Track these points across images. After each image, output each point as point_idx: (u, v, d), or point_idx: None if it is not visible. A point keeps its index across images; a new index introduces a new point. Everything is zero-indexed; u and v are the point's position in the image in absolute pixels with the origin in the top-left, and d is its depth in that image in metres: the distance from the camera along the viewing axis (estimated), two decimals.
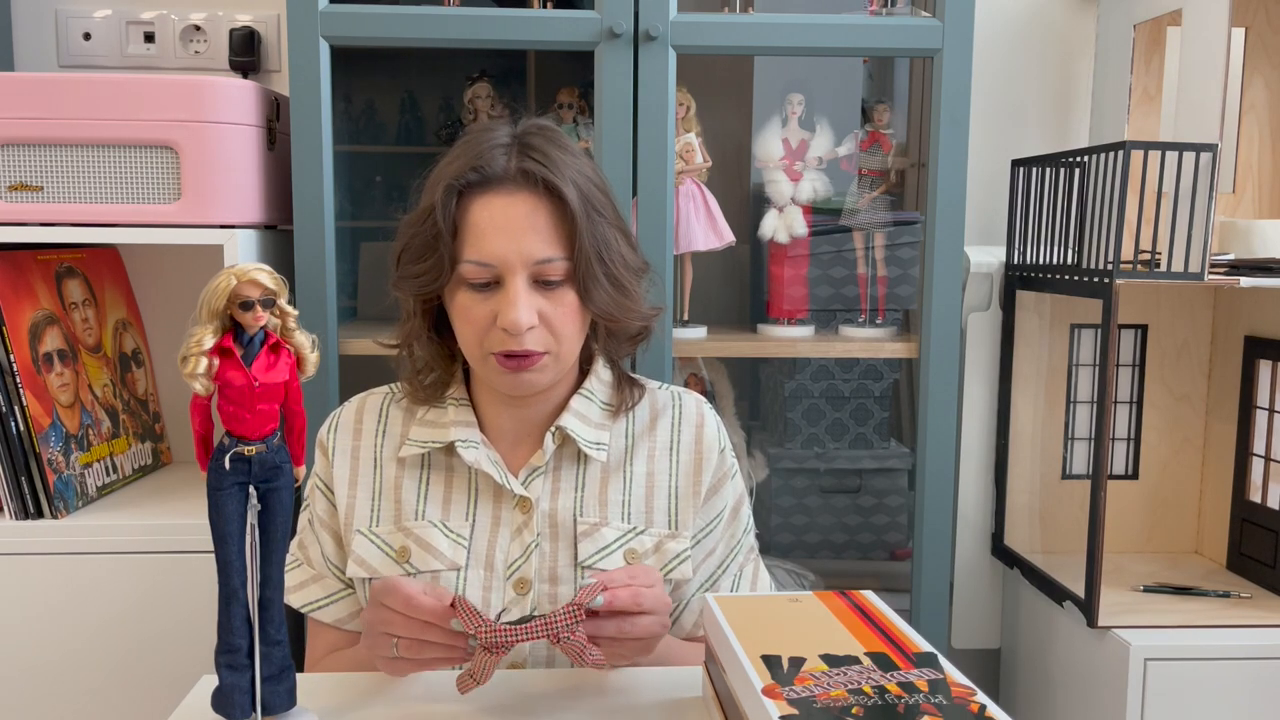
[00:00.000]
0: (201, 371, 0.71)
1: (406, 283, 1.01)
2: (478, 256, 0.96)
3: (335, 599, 1.07)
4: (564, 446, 1.05)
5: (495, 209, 0.96)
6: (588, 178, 1.00)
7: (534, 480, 1.04)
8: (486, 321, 0.97)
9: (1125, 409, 1.63)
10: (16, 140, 1.33)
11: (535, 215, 0.96)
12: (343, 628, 1.07)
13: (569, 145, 1.02)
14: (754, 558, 1.13)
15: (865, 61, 1.80)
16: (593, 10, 1.38)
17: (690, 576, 1.05)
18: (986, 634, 1.71)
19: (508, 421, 1.06)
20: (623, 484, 1.05)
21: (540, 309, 0.97)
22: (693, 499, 1.07)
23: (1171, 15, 1.50)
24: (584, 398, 1.06)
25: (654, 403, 1.11)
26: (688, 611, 1.08)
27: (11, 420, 1.33)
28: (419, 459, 1.05)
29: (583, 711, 0.85)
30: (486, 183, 0.97)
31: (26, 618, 1.34)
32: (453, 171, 0.98)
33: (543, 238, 0.96)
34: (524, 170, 0.97)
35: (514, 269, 0.95)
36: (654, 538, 1.04)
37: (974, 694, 0.67)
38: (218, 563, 0.74)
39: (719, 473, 1.09)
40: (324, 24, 1.37)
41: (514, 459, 1.06)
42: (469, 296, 0.98)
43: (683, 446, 1.08)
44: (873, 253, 1.64)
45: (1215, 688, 1.31)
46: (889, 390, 1.84)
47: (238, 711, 0.76)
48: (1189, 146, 1.31)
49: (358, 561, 1.03)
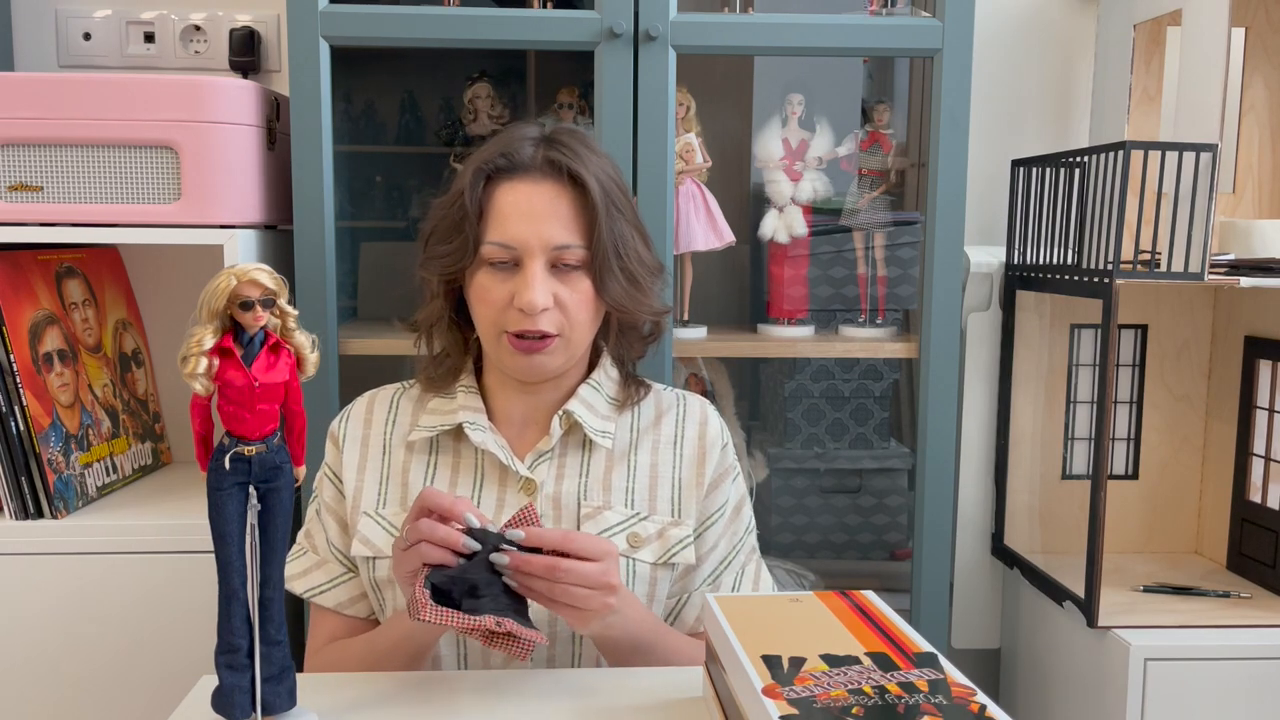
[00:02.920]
0: (201, 371, 0.71)
1: (433, 263, 1.05)
2: (500, 238, 1.01)
3: (337, 583, 1.08)
4: (570, 433, 1.08)
5: (520, 194, 1.01)
6: (610, 176, 1.05)
7: (540, 464, 1.06)
8: (504, 302, 1.01)
9: (1125, 409, 1.63)
10: (16, 140, 1.33)
11: (558, 203, 1.01)
12: (343, 613, 1.08)
13: (596, 147, 1.07)
14: (756, 558, 1.14)
15: (865, 61, 1.80)
16: (593, 10, 1.38)
17: (693, 562, 1.07)
18: (986, 634, 1.71)
19: (516, 408, 1.09)
20: (627, 472, 1.08)
21: (556, 293, 1.01)
22: (695, 489, 1.09)
23: (1171, 15, 1.50)
24: (591, 388, 1.09)
25: (659, 401, 1.14)
26: (689, 607, 1.09)
27: (11, 420, 1.33)
28: (427, 444, 1.08)
29: (583, 712, 0.85)
30: (514, 169, 1.02)
31: (26, 618, 1.34)
32: (483, 158, 1.03)
33: (563, 224, 1.01)
34: (550, 159, 1.02)
35: (533, 252, 1.00)
36: (657, 524, 1.06)
37: (974, 694, 0.67)
38: (218, 563, 0.74)
39: (721, 468, 1.11)
40: (324, 24, 1.37)
41: (520, 444, 1.09)
42: (489, 277, 1.02)
43: (686, 440, 1.11)
44: (873, 253, 1.64)
45: (1215, 688, 1.31)
46: (889, 390, 1.84)
47: (238, 711, 0.76)
48: (1189, 146, 1.31)
49: (362, 541, 1.05)
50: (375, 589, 1.06)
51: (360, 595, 1.08)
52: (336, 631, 1.08)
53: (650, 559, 1.04)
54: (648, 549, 1.04)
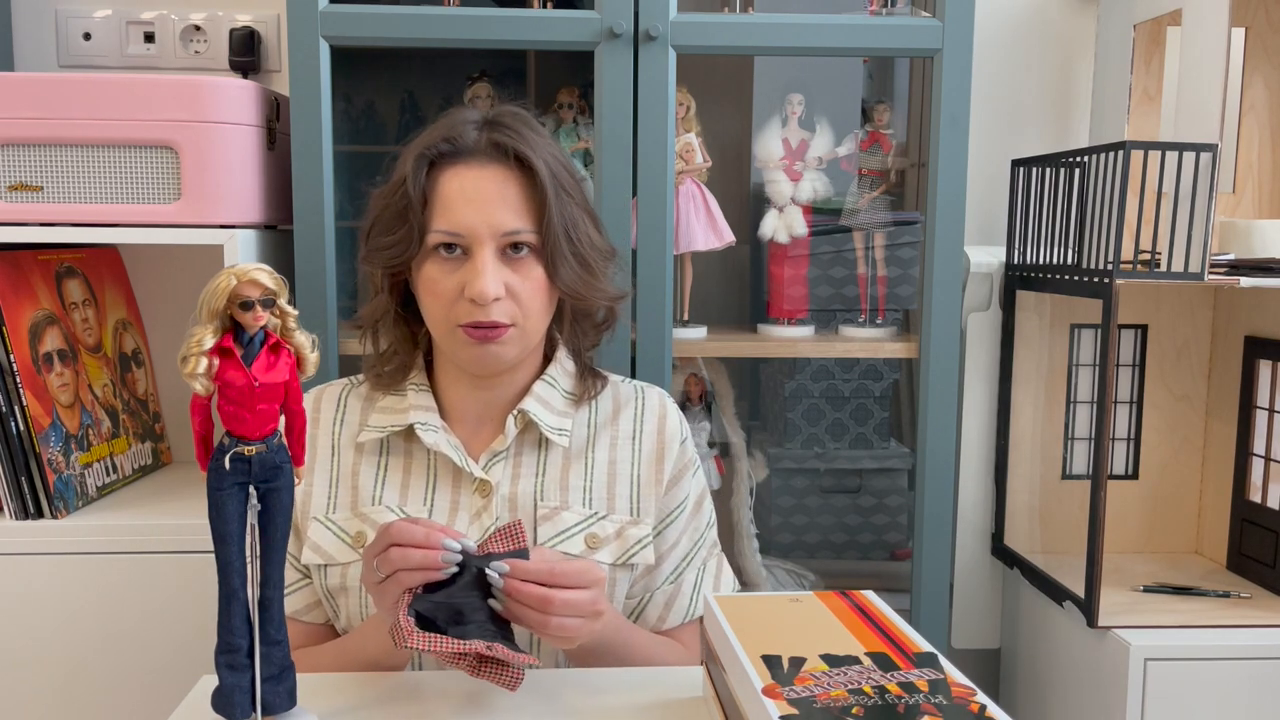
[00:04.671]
0: (201, 371, 0.71)
1: (376, 255, 1.01)
2: (447, 226, 0.97)
3: (291, 590, 1.05)
4: (526, 432, 1.05)
5: (466, 180, 0.97)
6: (557, 158, 1.01)
7: (495, 464, 1.03)
8: (454, 293, 0.97)
9: (1125, 409, 1.63)
10: (16, 140, 1.33)
11: (505, 187, 0.97)
12: (300, 619, 1.06)
13: (539, 128, 1.03)
14: (716, 552, 1.14)
15: (865, 61, 1.80)
16: (593, 10, 1.38)
17: (652, 562, 1.05)
18: (986, 634, 1.71)
19: (470, 405, 1.06)
20: (584, 470, 1.05)
21: (507, 281, 0.97)
22: (654, 487, 1.07)
23: (1171, 15, 1.50)
24: (547, 384, 1.06)
25: (617, 395, 1.11)
26: (652, 604, 1.08)
27: (11, 420, 1.33)
28: (377, 445, 1.05)
29: (583, 712, 0.85)
30: (458, 154, 0.98)
31: (26, 618, 1.34)
32: (424, 143, 0.99)
33: (512, 210, 0.97)
34: (495, 143, 0.98)
35: (482, 240, 0.96)
36: (615, 524, 1.04)
37: (974, 694, 0.67)
38: (218, 563, 0.74)
39: (680, 464, 1.09)
40: (324, 24, 1.37)
41: (475, 443, 1.05)
42: (437, 268, 0.98)
43: (645, 435, 1.08)
44: (873, 253, 1.64)
45: (1215, 688, 1.31)
46: (889, 390, 1.84)
47: (238, 711, 0.76)
48: (1189, 146, 1.31)
49: (313, 548, 1.02)
50: (329, 597, 1.03)
51: (316, 602, 1.06)
52: (296, 639, 1.04)
53: (609, 559, 1.02)
54: (606, 550, 1.02)
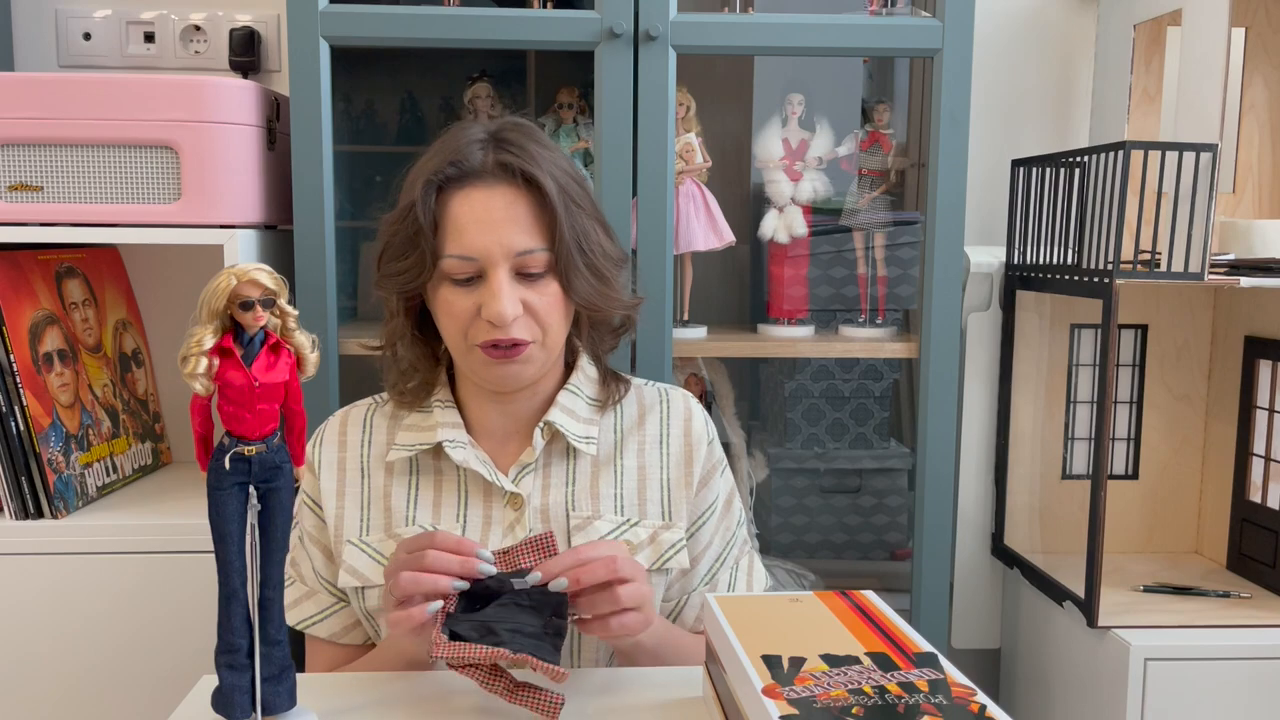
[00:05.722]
0: (201, 371, 0.71)
1: (389, 281, 1.01)
2: (459, 250, 0.96)
3: (328, 614, 1.06)
4: (553, 442, 1.05)
5: (475, 202, 0.97)
6: (564, 170, 1.00)
7: (524, 477, 1.03)
8: (470, 315, 0.97)
9: (1125, 409, 1.63)
10: (16, 140, 1.33)
11: (515, 207, 0.97)
12: (339, 642, 1.07)
13: (545, 140, 1.02)
14: (749, 550, 1.14)
15: (865, 61, 1.80)
16: (593, 10, 1.38)
17: (687, 565, 1.05)
18: (986, 634, 1.71)
19: (495, 419, 1.06)
20: (614, 477, 1.05)
21: (524, 298, 0.97)
22: (685, 489, 1.07)
23: (1171, 15, 1.50)
24: (570, 393, 1.06)
25: (641, 399, 1.11)
26: (689, 606, 1.08)
27: (11, 420, 1.33)
28: (407, 464, 1.05)
29: (584, 711, 0.85)
30: (465, 177, 0.98)
31: (26, 618, 1.34)
32: (431, 168, 0.98)
33: (523, 229, 0.97)
34: (501, 163, 0.97)
35: (496, 261, 0.96)
36: (648, 529, 1.04)
37: (974, 694, 0.67)
38: (218, 563, 0.74)
39: (709, 464, 1.09)
40: (324, 24, 1.37)
41: (503, 457, 1.05)
42: (452, 291, 0.98)
43: (672, 439, 1.08)
44: (873, 253, 1.64)
45: (1215, 688, 1.31)
46: (889, 390, 1.84)
47: (238, 711, 0.76)
48: (1189, 146, 1.31)
49: (349, 571, 1.02)
50: (368, 618, 1.04)
51: (354, 624, 1.07)
52: (336, 660, 1.07)
53: (644, 565, 1.02)
54: (640, 555, 1.02)
